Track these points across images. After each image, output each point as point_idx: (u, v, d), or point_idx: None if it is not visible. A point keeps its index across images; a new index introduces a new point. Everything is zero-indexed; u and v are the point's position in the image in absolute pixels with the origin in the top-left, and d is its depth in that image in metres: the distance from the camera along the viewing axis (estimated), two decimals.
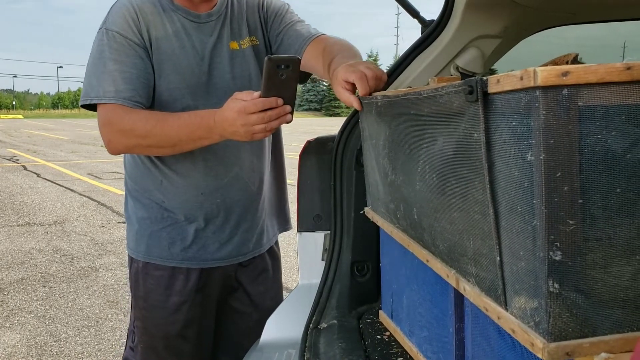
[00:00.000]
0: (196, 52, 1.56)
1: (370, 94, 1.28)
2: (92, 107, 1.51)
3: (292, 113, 1.35)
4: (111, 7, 1.54)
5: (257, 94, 1.31)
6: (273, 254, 1.87)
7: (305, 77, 1.72)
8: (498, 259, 0.77)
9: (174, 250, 1.63)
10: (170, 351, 1.68)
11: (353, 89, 1.32)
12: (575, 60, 1.06)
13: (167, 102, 1.54)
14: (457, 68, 1.75)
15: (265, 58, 1.28)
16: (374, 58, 77.22)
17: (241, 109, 1.30)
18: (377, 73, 1.31)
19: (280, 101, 1.31)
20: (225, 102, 1.35)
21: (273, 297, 1.87)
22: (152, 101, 1.54)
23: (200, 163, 1.60)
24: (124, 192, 1.77)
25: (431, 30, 1.71)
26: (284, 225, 1.92)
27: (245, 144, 1.61)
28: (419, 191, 1.01)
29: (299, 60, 1.32)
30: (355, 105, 1.32)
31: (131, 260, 1.70)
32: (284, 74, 1.29)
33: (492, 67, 1.98)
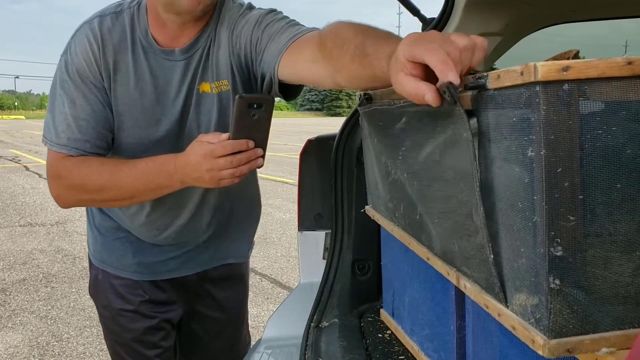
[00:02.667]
0: (162, 103, 1.36)
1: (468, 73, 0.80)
2: None
3: (263, 157, 1.23)
4: (76, 31, 1.35)
5: (225, 135, 1.18)
6: (235, 267, 1.74)
7: (295, 92, 1.41)
8: (491, 257, 0.77)
9: (126, 262, 1.56)
10: (133, 356, 1.62)
11: (423, 74, 0.79)
12: (576, 56, 1.06)
13: (132, 157, 1.35)
14: None
15: (237, 97, 1.17)
16: None
17: (207, 152, 1.17)
18: (468, 43, 0.77)
19: (251, 144, 1.19)
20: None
21: (242, 300, 1.81)
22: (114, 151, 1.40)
23: (158, 205, 1.48)
24: None
25: (432, 28, 1.71)
26: (243, 252, 1.75)
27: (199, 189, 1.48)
28: (416, 190, 1.01)
29: (273, 100, 1.22)
30: (430, 99, 0.76)
31: (90, 265, 1.64)
32: (256, 114, 1.18)
33: (493, 65, 1.97)
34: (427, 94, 0.76)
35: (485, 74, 0.74)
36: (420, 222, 1.05)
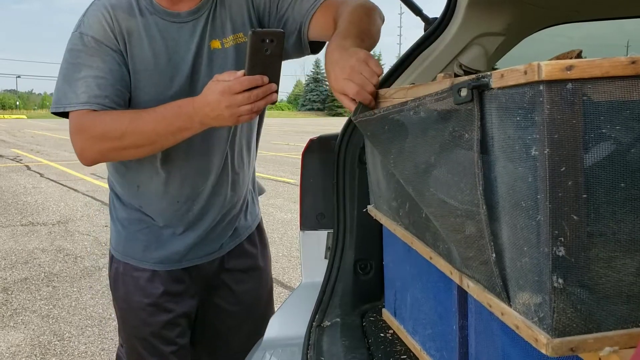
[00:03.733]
0: (174, 61, 1.45)
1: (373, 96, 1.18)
2: (65, 115, 1.42)
3: (277, 92, 1.27)
4: (87, 10, 1.44)
5: (240, 72, 1.22)
6: (254, 242, 1.78)
7: (318, 47, 1.54)
8: (494, 256, 0.77)
9: (149, 253, 1.59)
10: (149, 351, 1.63)
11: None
12: (579, 56, 1.06)
13: None
14: (460, 66, 1.75)
15: (250, 32, 1.20)
16: (377, 57, 77.15)
17: (225, 90, 1.21)
18: (371, 79, 1.17)
19: (265, 79, 1.22)
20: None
21: (261, 294, 1.82)
22: None
23: (177, 173, 1.53)
24: None
25: (434, 28, 1.71)
26: (254, 202, 1.80)
27: (220, 151, 1.55)
28: (419, 190, 1.01)
29: (284, 34, 1.25)
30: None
31: (111, 259, 1.67)
32: (269, 48, 1.21)
33: (496, 65, 1.97)
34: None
35: (488, 73, 0.74)
36: (426, 221, 1.05)
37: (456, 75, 1.47)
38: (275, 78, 1.25)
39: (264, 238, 1.84)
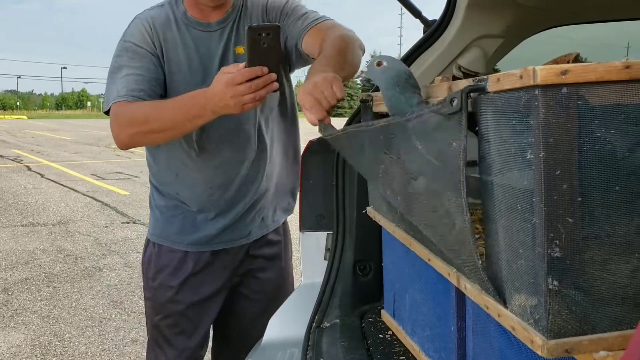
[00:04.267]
0: (204, 64, 1.65)
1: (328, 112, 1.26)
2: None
3: (278, 81, 1.37)
4: (130, 23, 1.67)
5: (242, 65, 1.34)
6: (279, 231, 1.90)
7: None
8: (479, 263, 0.78)
9: (183, 236, 1.75)
10: (172, 330, 1.78)
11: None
12: (576, 59, 1.07)
13: None
14: (459, 68, 1.76)
15: (246, 27, 1.32)
16: None
17: (229, 81, 1.33)
18: (330, 98, 1.25)
19: (265, 69, 1.33)
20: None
21: (282, 284, 1.91)
22: None
23: (210, 162, 1.69)
24: (127, 193, 1.84)
25: (433, 30, 1.72)
26: (288, 208, 1.94)
27: (250, 143, 1.69)
28: (412, 194, 1.02)
29: (279, 27, 1.35)
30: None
31: (147, 243, 1.83)
32: (265, 41, 1.33)
33: (496, 67, 1.98)
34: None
35: (485, 77, 0.75)
36: (420, 225, 1.06)
37: (455, 78, 1.48)
38: (274, 68, 1.35)
39: (287, 230, 1.95)
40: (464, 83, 0.83)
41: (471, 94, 0.77)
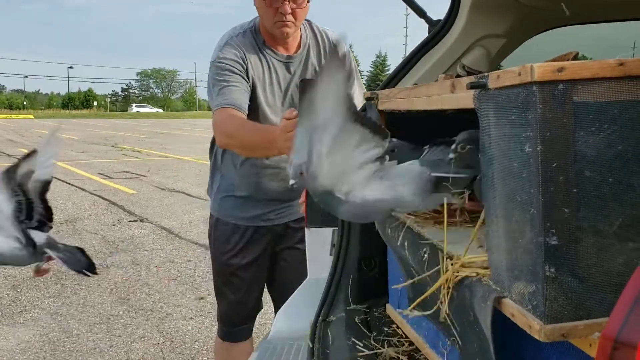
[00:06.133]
0: (279, 88, 2.04)
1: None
2: None
3: None
4: (219, 45, 2.02)
5: (295, 113, 1.55)
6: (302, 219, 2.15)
7: None
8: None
9: (235, 213, 2.15)
10: (229, 287, 2.21)
11: None
12: (575, 58, 1.10)
13: (261, 119, 2.01)
14: (463, 67, 1.78)
15: (299, 80, 1.55)
16: (382, 58, 77.06)
17: (282, 127, 1.59)
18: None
19: None
20: None
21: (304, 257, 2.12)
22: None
23: (262, 159, 2.06)
24: (134, 192, 1.99)
25: (438, 30, 1.75)
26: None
27: None
28: None
29: None
30: None
31: (210, 217, 2.27)
32: None
33: (500, 66, 2.00)
34: None
35: (486, 74, 0.78)
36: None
37: (459, 76, 1.51)
38: None
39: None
40: (466, 80, 0.86)
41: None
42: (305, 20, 2.10)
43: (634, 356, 0.50)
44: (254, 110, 2.02)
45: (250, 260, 2.18)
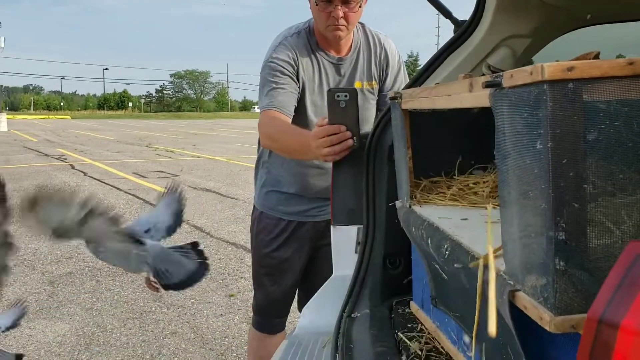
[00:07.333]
0: (327, 87, 2.07)
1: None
2: None
3: (353, 138, 1.57)
4: (273, 45, 2.09)
5: (326, 120, 1.59)
6: None
7: None
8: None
9: (279, 207, 2.24)
10: (268, 279, 2.27)
11: None
12: (596, 58, 1.11)
13: (307, 120, 2.09)
14: (489, 67, 1.80)
15: (327, 90, 1.56)
16: (414, 58, 76.68)
17: (314, 134, 1.64)
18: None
19: (343, 128, 1.56)
20: None
21: None
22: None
23: (309, 169, 2.17)
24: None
25: (463, 30, 1.76)
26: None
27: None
28: None
29: (355, 91, 1.57)
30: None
31: (254, 209, 2.34)
32: (344, 102, 1.52)
33: (531, 61, 2.00)
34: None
35: (501, 73, 0.80)
36: None
37: (483, 75, 1.52)
38: (352, 127, 1.57)
39: None
40: (482, 79, 0.89)
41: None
42: (359, 22, 2.14)
43: (616, 336, 0.53)
44: (301, 112, 2.09)
45: (291, 253, 2.25)
